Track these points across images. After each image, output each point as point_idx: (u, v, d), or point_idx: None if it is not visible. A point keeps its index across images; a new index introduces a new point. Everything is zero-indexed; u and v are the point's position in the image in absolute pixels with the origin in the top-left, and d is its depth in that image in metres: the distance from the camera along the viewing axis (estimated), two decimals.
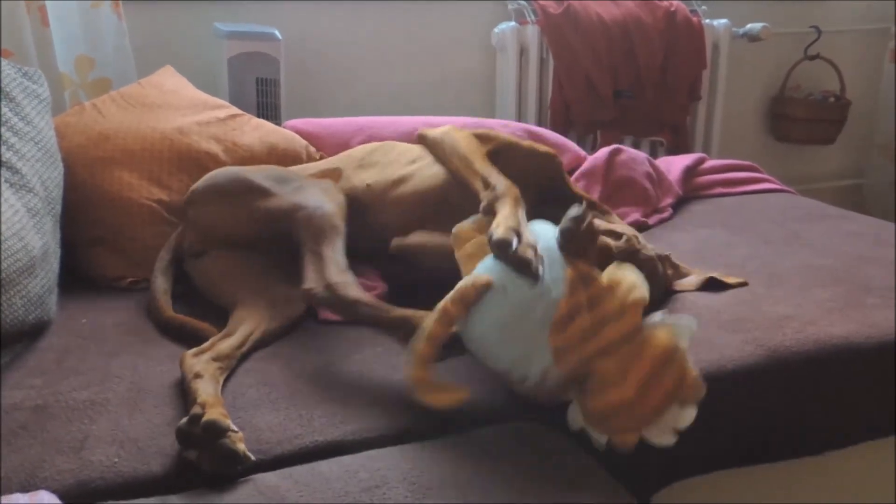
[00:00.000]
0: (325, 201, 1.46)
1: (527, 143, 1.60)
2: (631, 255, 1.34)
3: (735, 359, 1.31)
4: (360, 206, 1.57)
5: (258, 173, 1.57)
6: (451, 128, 1.53)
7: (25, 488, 0.99)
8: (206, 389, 1.13)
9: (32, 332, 1.36)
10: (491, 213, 1.24)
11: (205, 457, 1.04)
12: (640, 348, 1.08)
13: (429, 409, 1.17)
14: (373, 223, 1.57)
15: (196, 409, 1.07)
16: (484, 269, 1.15)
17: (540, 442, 1.11)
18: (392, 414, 1.17)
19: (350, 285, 1.29)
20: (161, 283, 1.52)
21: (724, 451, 1.32)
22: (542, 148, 1.59)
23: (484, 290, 1.12)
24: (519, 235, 1.15)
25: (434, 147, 1.53)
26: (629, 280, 1.12)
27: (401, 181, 1.57)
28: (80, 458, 1.05)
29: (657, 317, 1.10)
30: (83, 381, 1.22)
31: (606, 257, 1.28)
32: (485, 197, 1.28)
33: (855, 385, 1.38)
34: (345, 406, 1.17)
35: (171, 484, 1.03)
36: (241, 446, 1.04)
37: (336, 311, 1.31)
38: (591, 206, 1.55)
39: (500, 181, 1.31)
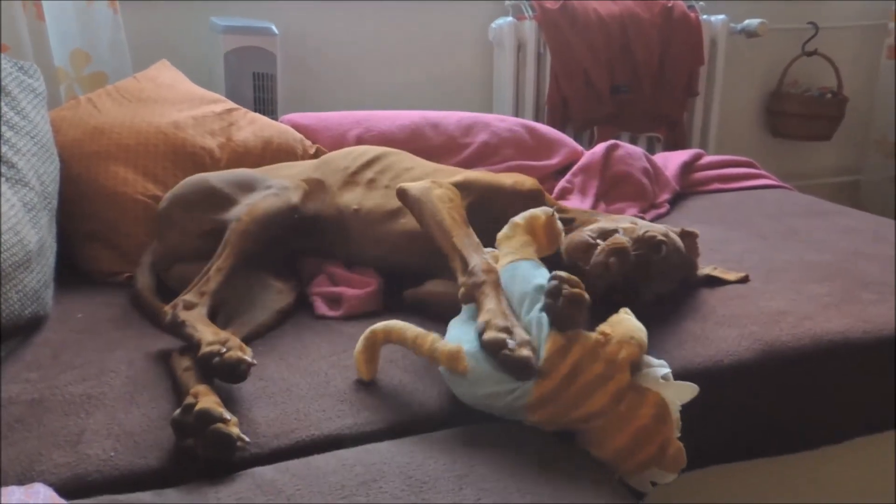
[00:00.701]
0: (250, 208, 1.42)
1: (509, 181, 1.50)
2: (643, 243, 1.32)
3: (731, 353, 1.31)
4: (343, 229, 1.52)
5: (224, 180, 1.54)
6: (432, 185, 1.41)
7: (22, 482, 0.99)
8: (196, 380, 1.14)
9: (28, 327, 1.36)
10: (471, 300, 1.19)
11: (199, 443, 1.04)
12: (627, 413, 1.08)
13: (427, 405, 1.17)
14: (358, 250, 1.53)
15: (189, 399, 1.08)
16: (468, 344, 1.12)
17: (537, 438, 1.11)
18: (388, 408, 1.17)
19: (194, 309, 1.26)
20: (144, 282, 1.50)
21: (721, 446, 1.32)
22: (526, 184, 1.50)
23: (460, 370, 1.11)
24: (510, 333, 1.09)
25: (413, 207, 1.40)
26: (621, 332, 1.10)
27: (395, 215, 1.50)
28: (76, 451, 1.05)
29: (659, 373, 1.10)
30: (79, 376, 1.22)
31: (624, 257, 1.26)
32: (463, 283, 1.21)
33: (852, 380, 1.38)
34: (341, 400, 1.17)
35: (168, 477, 1.03)
36: (235, 430, 1.04)
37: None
38: (571, 221, 1.47)
39: (478, 263, 1.21)
